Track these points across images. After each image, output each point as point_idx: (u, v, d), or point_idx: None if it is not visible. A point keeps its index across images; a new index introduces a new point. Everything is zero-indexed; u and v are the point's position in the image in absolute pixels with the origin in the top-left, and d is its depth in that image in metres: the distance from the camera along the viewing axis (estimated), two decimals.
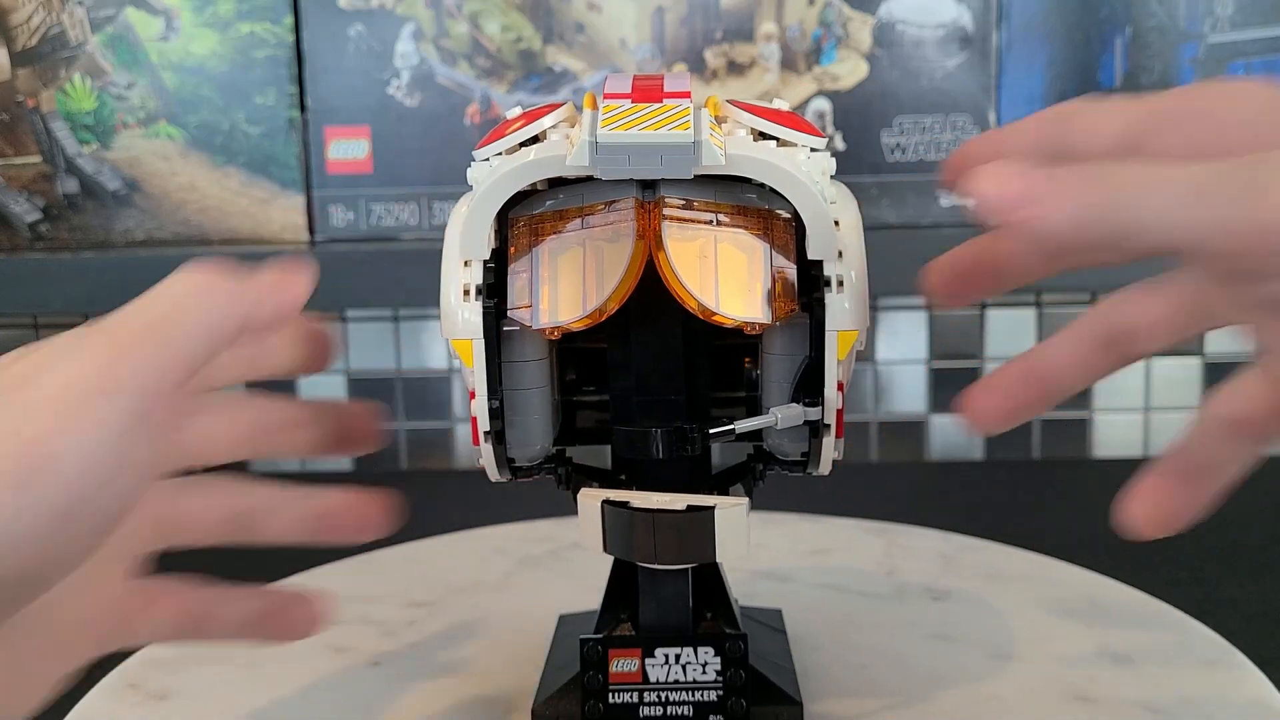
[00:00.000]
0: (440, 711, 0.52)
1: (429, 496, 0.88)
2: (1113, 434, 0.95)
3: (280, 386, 0.97)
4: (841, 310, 0.44)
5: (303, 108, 0.85)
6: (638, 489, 0.47)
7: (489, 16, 0.84)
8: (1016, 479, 0.89)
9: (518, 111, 0.46)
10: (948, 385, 0.95)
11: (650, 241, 0.43)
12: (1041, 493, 0.85)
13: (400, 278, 0.81)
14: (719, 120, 0.45)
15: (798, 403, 0.45)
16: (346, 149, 0.85)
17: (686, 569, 0.49)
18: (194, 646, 0.58)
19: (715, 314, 0.43)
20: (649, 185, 0.44)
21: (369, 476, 0.95)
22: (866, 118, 0.83)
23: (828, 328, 0.44)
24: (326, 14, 0.84)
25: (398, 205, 0.85)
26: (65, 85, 0.85)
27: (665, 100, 0.43)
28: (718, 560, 0.45)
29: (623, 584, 0.51)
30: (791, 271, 0.44)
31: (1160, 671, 0.54)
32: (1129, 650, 0.52)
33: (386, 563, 0.70)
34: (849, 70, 0.83)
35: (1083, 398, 0.94)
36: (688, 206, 0.44)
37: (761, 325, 0.43)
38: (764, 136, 0.44)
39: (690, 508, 0.44)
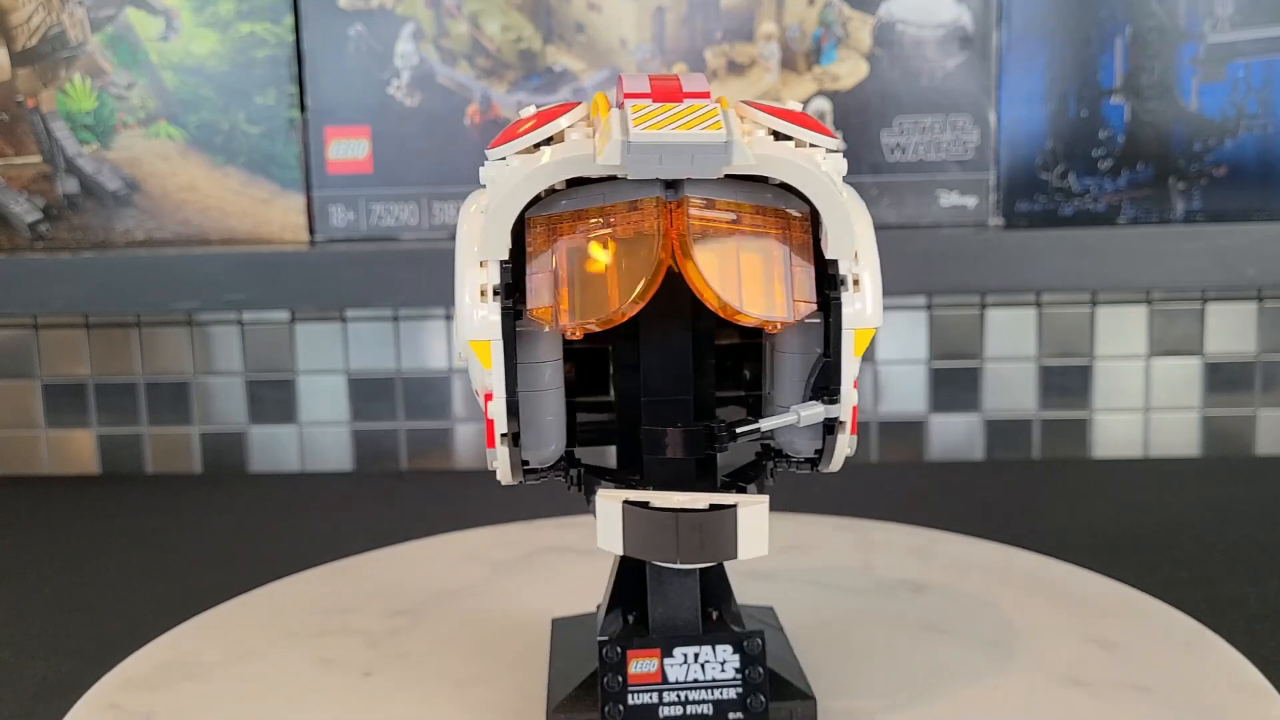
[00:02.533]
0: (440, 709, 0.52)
1: (429, 496, 0.89)
2: (1113, 434, 0.95)
3: (280, 386, 0.97)
4: (857, 309, 0.45)
5: (303, 108, 0.85)
6: (651, 489, 0.47)
7: (489, 16, 0.84)
8: (1016, 479, 0.89)
9: (531, 111, 0.45)
10: (948, 385, 0.95)
11: (674, 241, 0.43)
12: (1041, 493, 0.85)
13: (400, 278, 0.81)
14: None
15: (817, 400, 0.46)
16: (346, 149, 0.85)
17: (695, 569, 0.49)
18: (175, 661, 0.57)
19: (740, 313, 0.43)
20: (671, 185, 0.44)
21: (369, 476, 0.95)
22: (866, 118, 0.83)
23: (845, 326, 0.45)
24: (326, 14, 0.84)
25: (398, 205, 0.85)
26: (65, 85, 0.85)
27: (686, 100, 0.43)
28: (739, 558, 0.45)
29: (627, 585, 0.51)
30: (809, 270, 0.44)
31: (1144, 653, 0.56)
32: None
33: (358, 571, 0.69)
34: (849, 70, 0.83)
35: (1082, 398, 0.94)
36: (709, 206, 0.44)
37: (783, 323, 0.44)
38: (781, 137, 0.44)
39: (713, 506, 0.44)
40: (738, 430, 0.46)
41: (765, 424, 0.46)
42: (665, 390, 0.48)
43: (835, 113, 0.83)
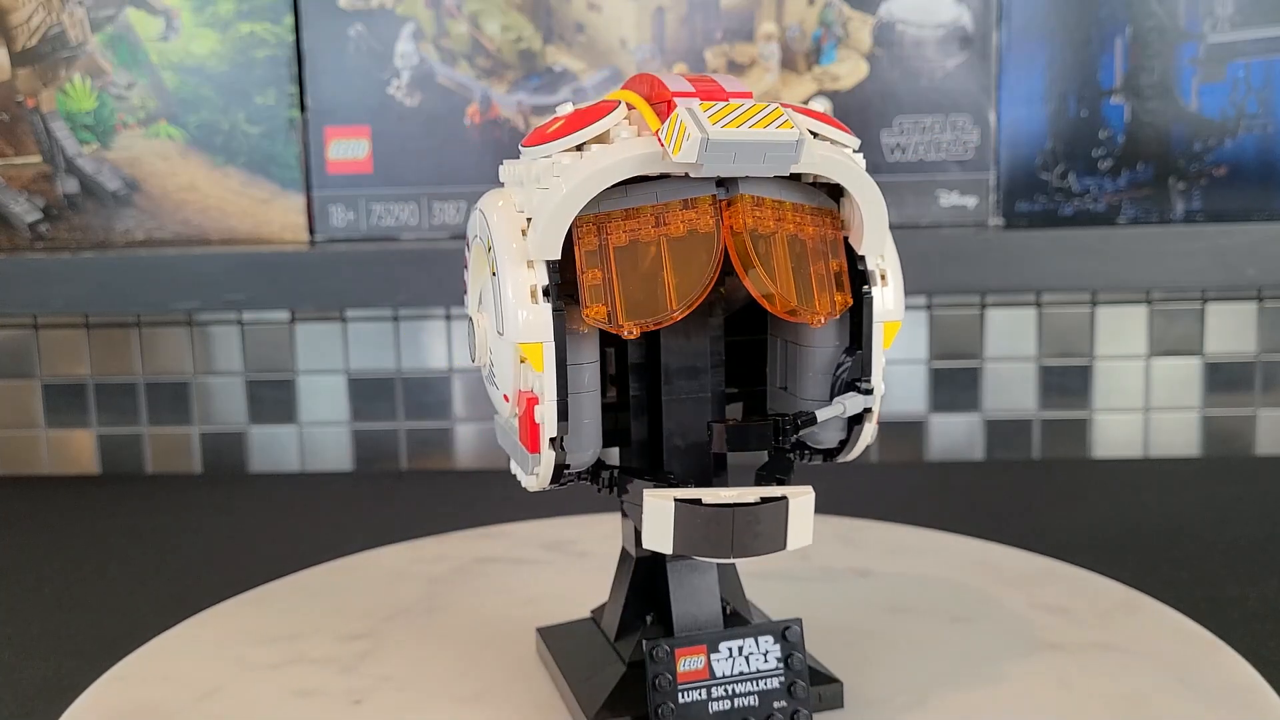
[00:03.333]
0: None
1: (429, 496, 0.88)
2: (1113, 434, 0.95)
3: (280, 386, 0.97)
4: (886, 302, 0.47)
5: (303, 108, 0.85)
6: (695, 486, 0.48)
7: (489, 16, 0.84)
8: (1016, 479, 0.89)
9: (568, 109, 0.45)
10: (948, 385, 0.95)
11: (727, 240, 0.44)
12: (1041, 493, 0.85)
13: (400, 278, 0.81)
14: None
15: (855, 392, 0.47)
16: (346, 149, 0.85)
17: (713, 564, 0.50)
18: (126, 710, 0.53)
19: (802, 311, 0.44)
20: (723, 183, 0.44)
21: (369, 476, 0.95)
22: (866, 118, 0.83)
23: (875, 319, 0.47)
24: (326, 14, 0.84)
25: (398, 205, 0.85)
26: (65, 85, 0.85)
27: (745, 100, 0.43)
28: (787, 549, 0.45)
29: (644, 587, 0.51)
30: (840, 265, 0.46)
31: (1097, 618, 0.59)
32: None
33: (283, 596, 0.65)
34: (849, 70, 0.83)
35: (1082, 398, 0.94)
36: (758, 205, 0.44)
37: (825, 317, 0.45)
38: (817, 137, 0.45)
39: (764, 499, 0.44)
40: (800, 422, 0.47)
41: (822, 414, 0.47)
42: (687, 388, 0.49)
43: (835, 113, 0.83)
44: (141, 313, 0.96)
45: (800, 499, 0.44)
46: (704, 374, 0.49)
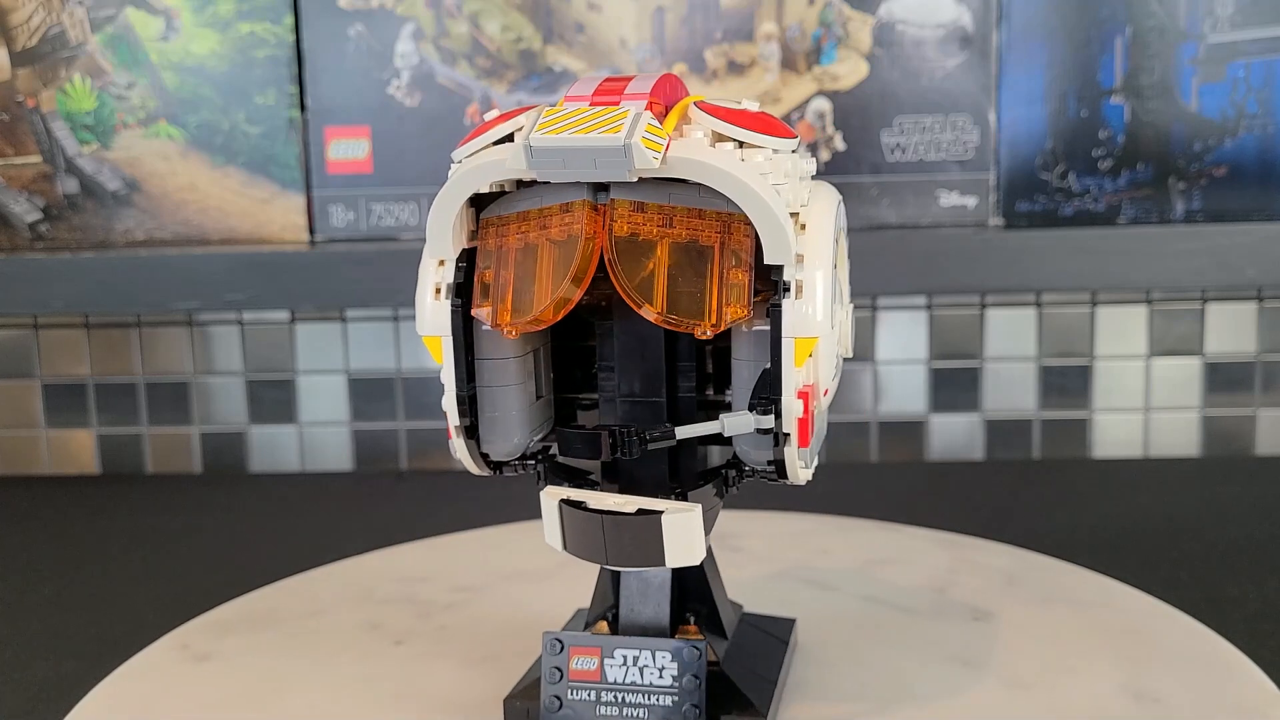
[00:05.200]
0: (443, 696, 0.52)
1: (429, 496, 0.88)
2: (1113, 434, 0.95)
3: (278, 388, 0.97)
4: (799, 316, 0.43)
5: (303, 108, 0.85)
6: (621, 489, 0.48)
7: (489, 16, 0.84)
8: (1016, 479, 0.89)
9: (496, 113, 0.46)
10: (948, 385, 0.95)
11: (600, 244, 0.43)
12: (1041, 493, 0.85)
13: (400, 278, 0.81)
14: (685, 123, 0.44)
15: (752, 410, 0.44)
16: (346, 149, 0.85)
17: (668, 570, 0.49)
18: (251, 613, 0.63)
19: (663, 318, 0.43)
20: (603, 188, 0.44)
21: (369, 476, 0.95)
22: (866, 118, 0.83)
23: (784, 334, 0.43)
24: (326, 14, 0.84)
25: (398, 205, 0.85)
26: (65, 85, 0.85)
27: (622, 103, 0.43)
28: (668, 566, 0.44)
29: (606, 583, 0.52)
30: (746, 276, 0.43)
31: (1181, 714, 0.50)
32: (1159, 689, 0.50)
33: (449, 546, 0.73)
34: (849, 70, 0.83)
35: (1083, 398, 0.94)
36: (640, 209, 0.43)
37: (712, 329, 0.43)
38: (725, 139, 0.43)
39: (640, 511, 0.44)
40: (650, 436, 0.45)
41: (681, 432, 0.45)
42: (639, 391, 0.48)
43: (835, 113, 0.83)
44: (141, 313, 0.96)
45: (677, 516, 0.43)
46: (658, 378, 0.48)
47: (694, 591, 0.51)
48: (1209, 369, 0.94)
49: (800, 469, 0.45)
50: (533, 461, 0.48)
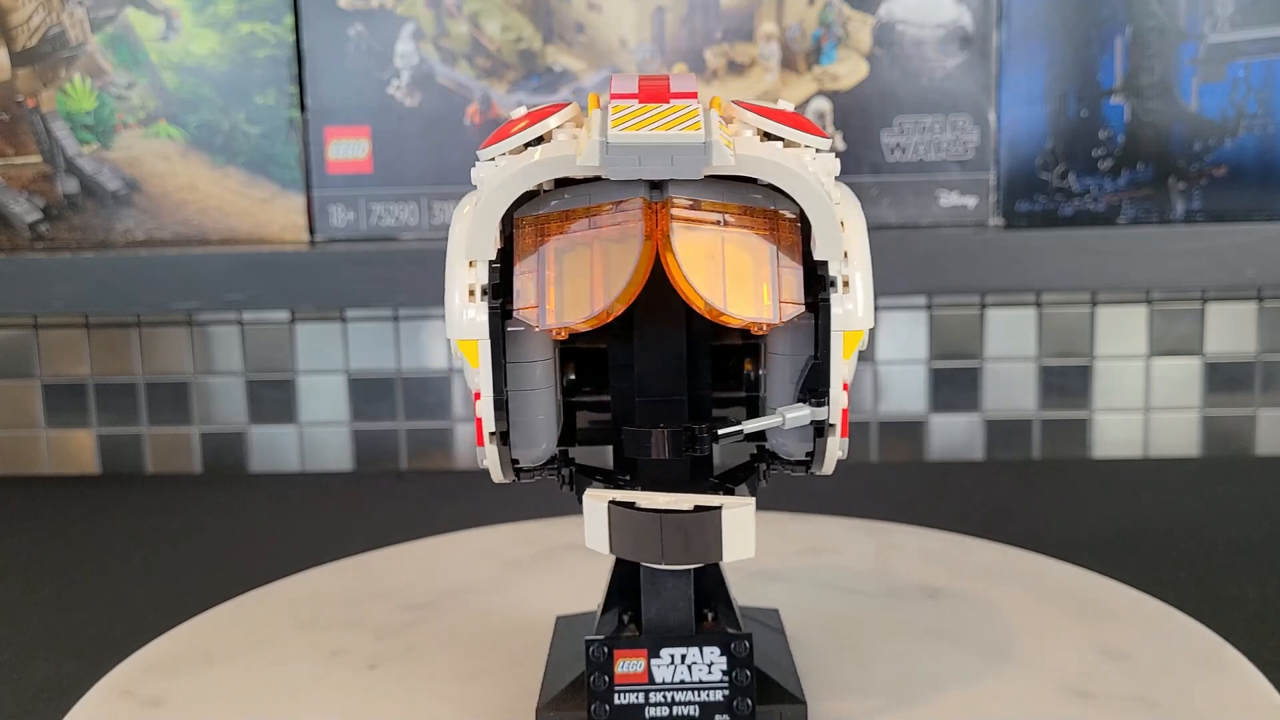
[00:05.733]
0: (439, 716, 0.52)
1: (429, 496, 0.89)
2: (1113, 434, 0.95)
3: (278, 388, 0.97)
4: (847, 311, 0.44)
5: (303, 108, 0.85)
6: (641, 489, 0.47)
7: (489, 16, 0.84)
8: (1016, 479, 0.89)
9: (522, 111, 0.45)
10: (948, 385, 0.95)
11: (658, 242, 0.43)
12: (1041, 493, 0.85)
13: (400, 278, 0.81)
14: (726, 120, 0.45)
15: (804, 403, 0.45)
16: (346, 149, 0.85)
17: (689, 569, 0.49)
18: (187, 651, 0.58)
19: (723, 314, 0.43)
20: (656, 185, 0.44)
21: (369, 476, 0.95)
22: (866, 118, 0.83)
23: (833, 328, 0.44)
24: (326, 14, 0.84)
25: (398, 205, 0.85)
26: (65, 85, 0.85)
27: (673, 100, 0.43)
28: (724, 561, 0.45)
29: (624, 584, 0.51)
30: (798, 272, 0.44)
31: (1157, 669, 0.54)
32: (1125, 648, 0.52)
33: (378, 565, 0.70)
34: (849, 70, 0.83)
35: (1082, 398, 0.94)
36: (695, 207, 0.44)
37: (769, 325, 0.43)
38: (770, 137, 0.44)
39: (697, 508, 0.44)
40: (720, 432, 0.46)
41: (748, 426, 0.46)
42: (659, 390, 0.48)
43: (835, 113, 0.83)
44: (141, 313, 0.96)
45: (736, 510, 0.44)
46: (679, 377, 0.48)
47: (709, 589, 0.51)
48: (1209, 369, 0.94)
49: (837, 458, 0.47)
50: (553, 466, 0.48)
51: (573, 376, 0.51)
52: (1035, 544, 0.71)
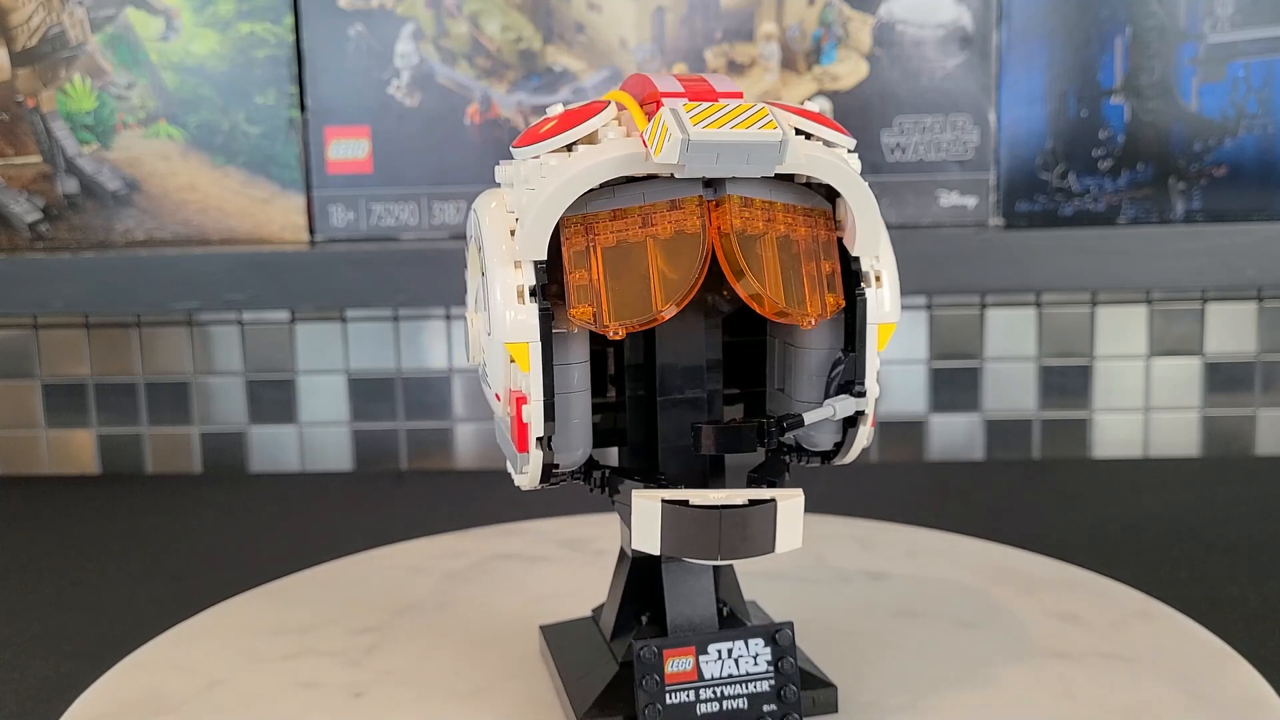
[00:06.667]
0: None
1: (429, 496, 0.88)
2: (1113, 434, 0.95)
3: (279, 388, 0.97)
4: (880, 304, 0.46)
5: (303, 108, 0.85)
6: (685, 487, 0.48)
7: (489, 16, 0.84)
8: (1016, 479, 0.89)
9: (558, 110, 0.45)
10: (948, 385, 0.95)
11: (714, 240, 0.44)
12: (1041, 493, 0.85)
13: (400, 278, 0.81)
14: None
15: (846, 394, 0.47)
16: (346, 149, 0.85)
17: (709, 567, 0.50)
18: (135, 699, 0.53)
19: (792, 312, 0.44)
20: (710, 184, 0.44)
21: (369, 476, 0.95)
22: (866, 118, 0.83)
23: (869, 320, 0.46)
24: (326, 14, 0.84)
25: (398, 205, 0.85)
26: (65, 85, 0.85)
27: (732, 100, 0.43)
28: (776, 552, 0.45)
29: (640, 588, 0.51)
30: (833, 266, 0.46)
31: (1109, 627, 0.58)
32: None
33: (301, 590, 0.66)
34: (849, 70, 0.83)
35: (1082, 398, 0.94)
36: (747, 205, 0.44)
37: (815, 319, 0.45)
38: (808, 137, 0.45)
39: (752, 501, 0.44)
40: (786, 424, 0.47)
41: (809, 417, 0.47)
42: (682, 388, 0.49)
43: (835, 113, 0.83)
44: (141, 313, 0.96)
45: (789, 502, 0.44)
46: (699, 375, 0.49)
47: (725, 586, 0.52)
48: (1209, 369, 0.94)
49: (862, 448, 0.49)
50: (582, 470, 0.48)
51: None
52: (1035, 544, 0.71)
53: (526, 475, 0.46)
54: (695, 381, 0.49)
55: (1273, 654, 0.56)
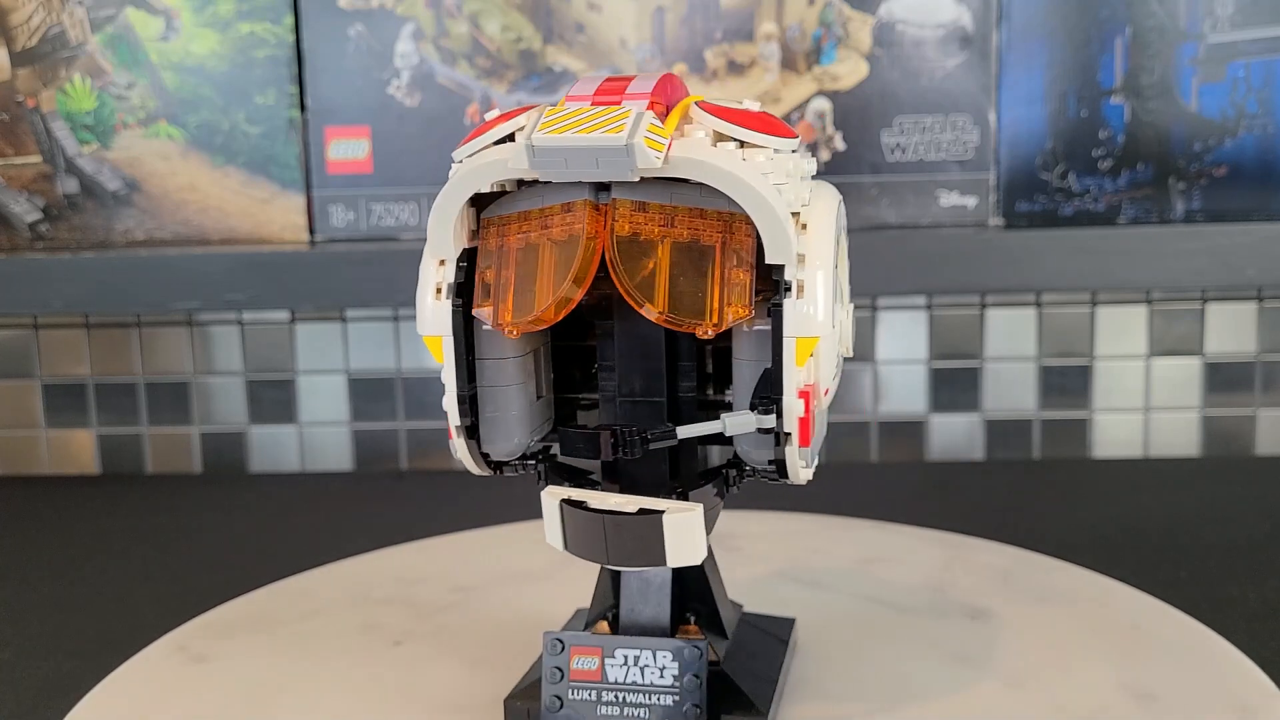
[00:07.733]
0: (442, 697, 0.52)
1: (429, 496, 0.88)
2: (1113, 434, 0.95)
3: (279, 388, 0.97)
4: (800, 316, 0.43)
5: (303, 108, 0.85)
6: (621, 489, 0.47)
7: (489, 16, 0.84)
8: (1016, 479, 0.89)
9: (497, 113, 0.46)
10: (948, 385, 0.95)
11: (604, 244, 0.43)
12: (1041, 493, 0.85)
13: (400, 278, 0.81)
14: (685, 123, 0.44)
15: (755, 409, 0.44)
16: (346, 149, 0.85)
17: (668, 570, 0.49)
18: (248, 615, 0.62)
19: (664, 318, 0.43)
20: (605, 188, 0.44)
21: (369, 476, 0.95)
22: (866, 118, 0.83)
23: (785, 333, 0.43)
24: (326, 14, 0.84)
25: (398, 205, 0.85)
26: (65, 85, 0.85)
27: (623, 103, 0.43)
28: (669, 565, 0.44)
29: (607, 582, 0.52)
30: (748, 275, 0.43)
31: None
32: (1155, 687, 0.51)
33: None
34: (849, 70, 0.83)
35: (1082, 398, 0.94)
36: (641, 209, 0.43)
37: (713, 329, 0.43)
38: (726, 139, 0.43)
39: (641, 511, 0.44)
40: (651, 435, 0.44)
41: (682, 432, 0.45)
42: (639, 391, 0.48)
43: (835, 113, 0.83)
44: (141, 313, 0.96)
45: (679, 515, 0.43)
46: (658, 378, 0.48)
47: (694, 591, 0.51)
48: (1209, 369, 0.94)
49: (801, 468, 0.45)
50: (533, 461, 0.48)
51: (579, 374, 0.51)
52: (1035, 544, 0.71)
53: (462, 462, 0.48)
54: (655, 384, 0.48)
55: (1273, 654, 0.56)
